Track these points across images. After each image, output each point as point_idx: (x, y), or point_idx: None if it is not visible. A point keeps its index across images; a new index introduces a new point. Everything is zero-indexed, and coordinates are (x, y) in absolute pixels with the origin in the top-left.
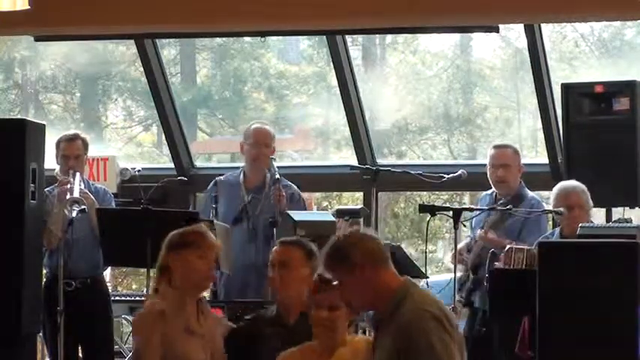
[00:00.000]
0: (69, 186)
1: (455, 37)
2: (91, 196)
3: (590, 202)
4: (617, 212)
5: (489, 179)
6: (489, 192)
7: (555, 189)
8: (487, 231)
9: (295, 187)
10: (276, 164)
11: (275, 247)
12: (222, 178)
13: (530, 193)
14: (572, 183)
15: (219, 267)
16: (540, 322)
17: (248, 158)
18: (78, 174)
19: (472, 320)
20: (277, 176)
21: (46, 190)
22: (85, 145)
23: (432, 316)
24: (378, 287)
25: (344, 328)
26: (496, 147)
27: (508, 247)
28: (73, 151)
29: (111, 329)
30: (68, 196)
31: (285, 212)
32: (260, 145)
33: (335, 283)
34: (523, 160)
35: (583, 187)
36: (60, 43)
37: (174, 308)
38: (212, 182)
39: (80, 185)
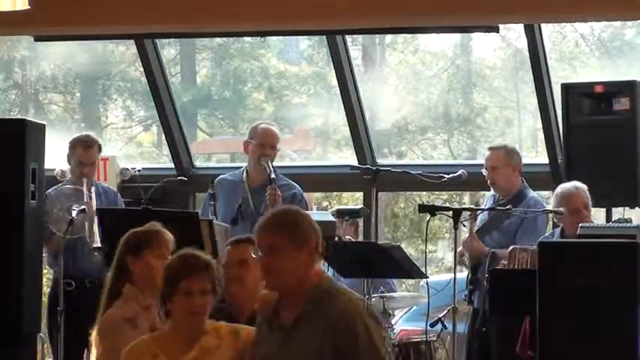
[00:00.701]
0: (85, 199)
1: (455, 37)
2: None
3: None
4: (617, 212)
5: None
6: (492, 192)
7: (558, 192)
8: (472, 237)
9: (298, 186)
10: (275, 164)
11: (229, 248)
12: (221, 177)
13: (531, 193)
14: (574, 184)
15: None
16: (540, 322)
17: (253, 158)
18: (93, 187)
19: (473, 320)
20: (273, 176)
21: (49, 191)
22: (100, 150)
23: (370, 315)
24: (307, 274)
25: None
26: (488, 149)
27: (512, 247)
28: (89, 158)
29: None
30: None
31: None
32: (266, 146)
33: (209, 262)
34: (523, 160)
35: (584, 186)
36: (60, 43)
37: (142, 311)
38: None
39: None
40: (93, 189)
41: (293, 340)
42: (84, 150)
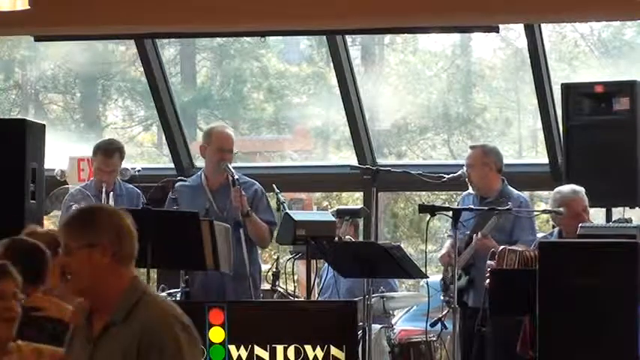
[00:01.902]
0: (102, 202)
1: (455, 37)
2: None
3: None
4: (617, 212)
5: None
6: (470, 192)
7: (557, 196)
8: (487, 236)
9: (257, 183)
10: (276, 164)
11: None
12: (179, 184)
13: (516, 192)
14: (573, 188)
15: (219, 267)
16: (540, 322)
17: (211, 162)
18: (112, 193)
19: (467, 320)
20: (237, 177)
21: (71, 191)
22: (122, 157)
23: (182, 326)
24: (109, 278)
25: None
26: (469, 147)
27: (501, 247)
28: (108, 166)
29: None
30: None
31: (285, 212)
32: (224, 150)
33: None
34: (523, 160)
35: (582, 189)
36: (60, 43)
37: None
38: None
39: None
40: (111, 194)
41: (98, 354)
42: (103, 158)
